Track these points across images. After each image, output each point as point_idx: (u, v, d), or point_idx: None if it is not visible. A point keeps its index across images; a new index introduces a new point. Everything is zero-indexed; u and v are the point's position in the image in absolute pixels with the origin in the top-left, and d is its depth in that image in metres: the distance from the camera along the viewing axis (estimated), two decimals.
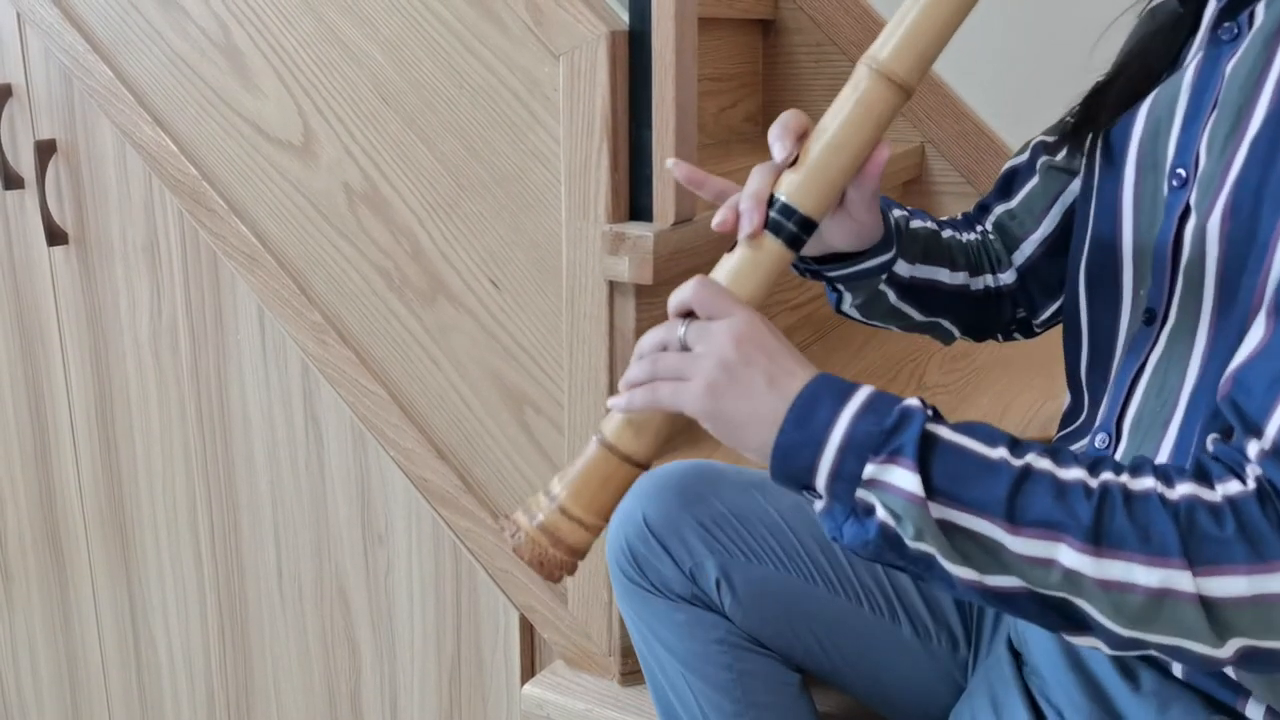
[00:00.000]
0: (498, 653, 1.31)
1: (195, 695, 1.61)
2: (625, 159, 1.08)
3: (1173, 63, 0.77)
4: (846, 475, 0.62)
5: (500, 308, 1.18)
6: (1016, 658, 0.83)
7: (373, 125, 1.20)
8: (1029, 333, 1.00)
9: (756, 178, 0.73)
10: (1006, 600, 0.61)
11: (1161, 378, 0.72)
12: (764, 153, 0.74)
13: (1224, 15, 0.72)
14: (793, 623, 0.93)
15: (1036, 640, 0.81)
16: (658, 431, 0.72)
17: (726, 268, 0.72)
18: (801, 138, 0.73)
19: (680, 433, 1.21)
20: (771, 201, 0.72)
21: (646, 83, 1.05)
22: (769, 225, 0.71)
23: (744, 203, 0.72)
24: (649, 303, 1.11)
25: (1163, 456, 0.71)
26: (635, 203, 1.09)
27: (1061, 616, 0.61)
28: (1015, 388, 1.33)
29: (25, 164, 1.48)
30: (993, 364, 1.44)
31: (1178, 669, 0.73)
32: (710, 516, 0.92)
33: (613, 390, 1.12)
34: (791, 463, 0.64)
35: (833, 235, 0.82)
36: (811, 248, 0.85)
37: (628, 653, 1.19)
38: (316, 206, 1.26)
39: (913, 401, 0.63)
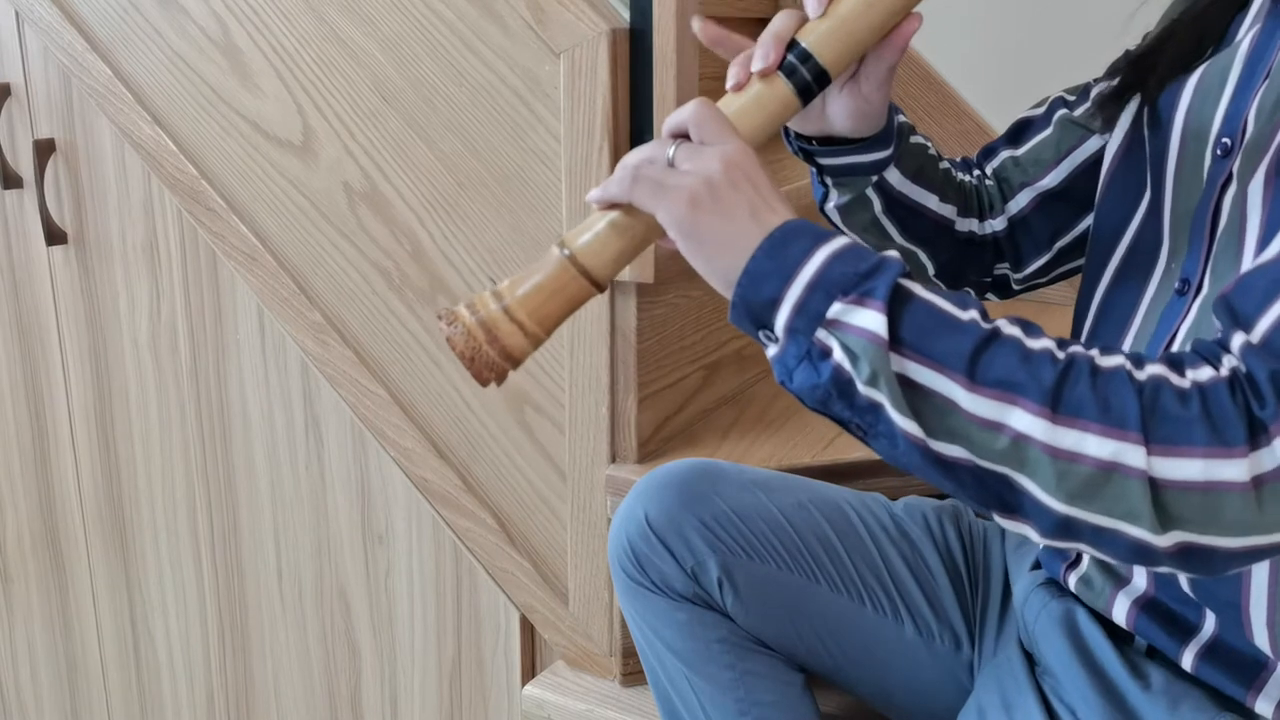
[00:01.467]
0: (498, 653, 1.31)
1: (195, 697, 1.61)
2: None
3: (1221, 36, 0.76)
4: (811, 311, 0.60)
5: None
6: (1029, 659, 0.83)
7: (373, 124, 1.20)
8: (1005, 292, 0.98)
9: (781, 20, 0.71)
10: (945, 467, 0.59)
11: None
12: (763, 152, 0.73)
13: None
14: (795, 622, 0.93)
15: (1048, 640, 0.81)
16: (620, 253, 0.68)
17: (730, 101, 0.70)
18: None
19: (679, 432, 1.21)
20: (791, 45, 0.70)
21: (647, 81, 1.05)
22: (783, 67, 0.70)
23: (763, 39, 0.70)
24: (650, 302, 1.10)
25: None
26: None
27: (997, 493, 0.59)
28: None
29: (24, 163, 1.48)
30: None
31: (1187, 663, 0.72)
32: (712, 515, 0.92)
33: (613, 392, 1.12)
34: (756, 292, 0.62)
35: (836, 109, 0.81)
36: (811, 124, 0.83)
37: (629, 653, 1.18)
38: (316, 206, 1.26)
39: (892, 253, 0.62)
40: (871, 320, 0.58)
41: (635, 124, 1.07)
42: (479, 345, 0.67)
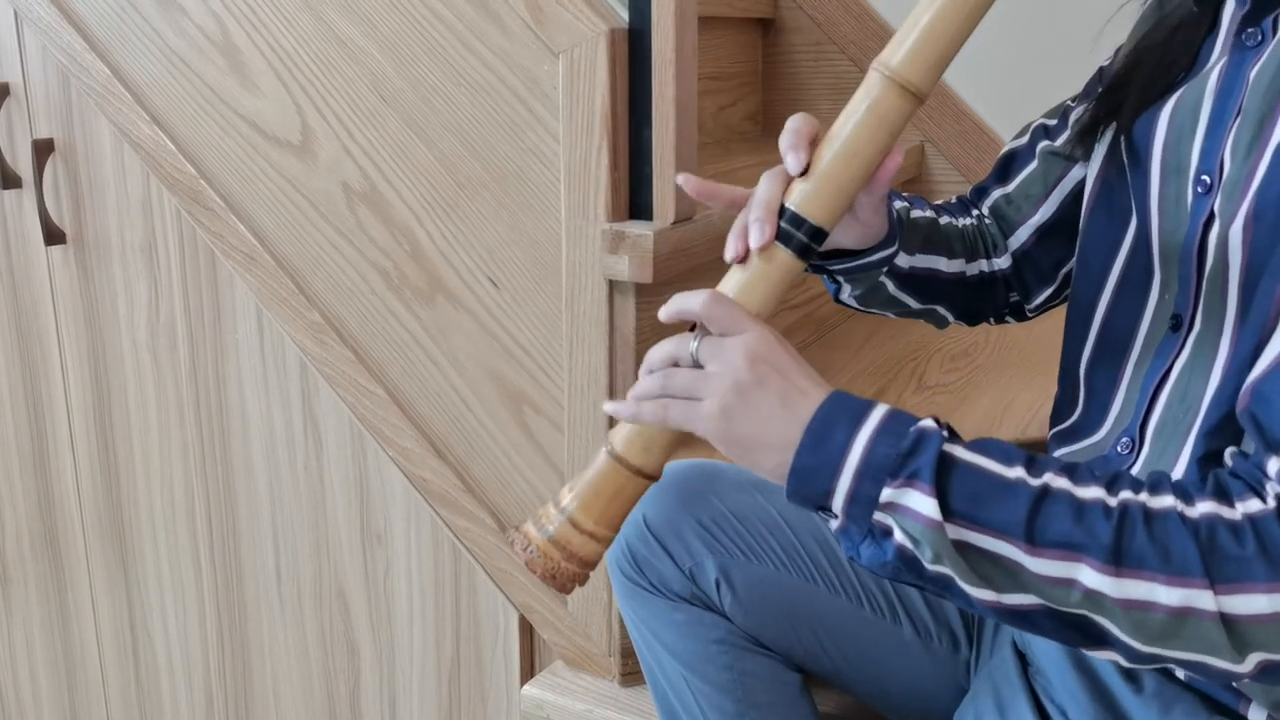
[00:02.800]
0: (497, 653, 1.30)
1: (194, 697, 1.60)
2: (625, 157, 1.08)
3: (1191, 62, 0.76)
4: (863, 499, 0.62)
5: (499, 307, 1.18)
6: (1021, 659, 0.83)
7: (371, 124, 1.20)
8: (1021, 317, 1.00)
9: (766, 185, 0.72)
10: (1025, 618, 0.61)
11: (1185, 385, 0.72)
12: (764, 152, 0.73)
13: (1247, 21, 0.71)
14: (793, 623, 0.93)
15: (1041, 643, 0.81)
16: (667, 446, 0.71)
17: (736, 279, 0.71)
18: (813, 144, 0.72)
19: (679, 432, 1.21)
20: (781, 211, 0.71)
21: (646, 81, 1.05)
22: (779, 236, 0.71)
23: (754, 212, 0.71)
24: (649, 302, 1.10)
25: (1183, 462, 0.71)
26: (635, 201, 1.09)
27: (1081, 633, 0.61)
28: (1015, 387, 1.33)
29: (23, 163, 1.48)
30: (993, 364, 1.43)
31: (1180, 671, 0.72)
32: (710, 516, 0.92)
33: (613, 391, 1.12)
34: (808, 487, 0.63)
35: (838, 235, 0.82)
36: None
37: (628, 653, 1.18)
38: (315, 205, 1.26)
39: (928, 423, 0.63)
40: (923, 504, 0.60)
41: (634, 124, 1.07)
42: (557, 563, 0.71)
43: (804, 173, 0.71)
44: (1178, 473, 0.71)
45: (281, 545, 1.44)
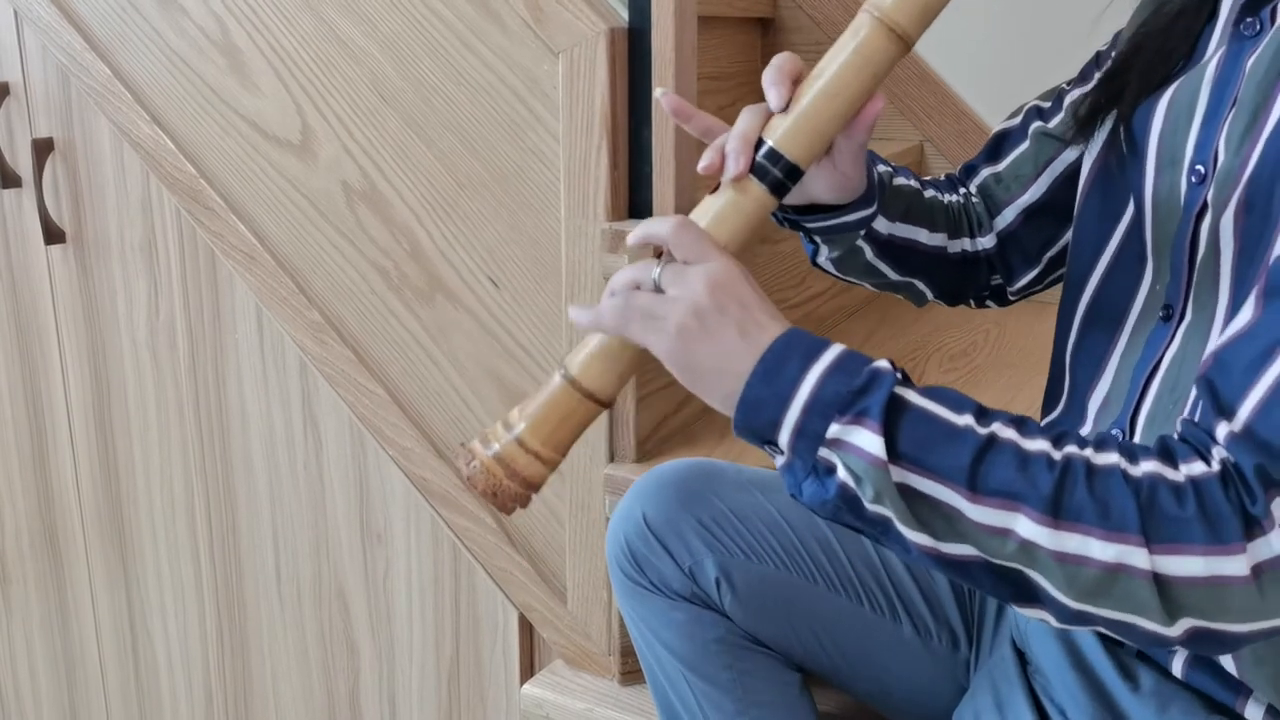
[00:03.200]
0: (497, 652, 1.31)
1: (194, 696, 1.61)
2: (625, 157, 1.08)
3: (1190, 51, 0.76)
4: (810, 433, 0.61)
5: (499, 306, 1.18)
6: (1021, 657, 0.83)
7: (371, 123, 1.20)
8: (1002, 301, 0.99)
9: (745, 118, 0.72)
10: (960, 568, 0.61)
11: (1175, 374, 0.72)
12: None
13: (1246, 11, 0.71)
14: (793, 621, 0.93)
15: (1040, 641, 0.81)
16: (622, 372, 0.70)
17: (707, 209, 0.71)
18: (796, 82, 0.71)
19: (677, 432, 1.21)
20: (759, 145, 0.70)
21: (646, 80, 1.05)
22: (754, 169, 0.70)
23: (730, 143, 0.71)
24: None
25: None
26: (635, 200, 1.09)
27: (1013, 587, 0.61)
28: (1015, 387, 1.33)
29: (23, 163, 1.48)
30: (992, 363, 1.43)
31: (1177, 669, 0.72)
32: (710, 515, 0.92)
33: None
34: (756, 417, 0.63)
35: (815, 185, 0.81)
36: (793, 196, 0.84)
37: (627, 652, 1.18)
38: (315, 205, 1.26)
39: (882, 363, 0.62)
40: (869, 441, 0.60)
41: (634, 123, 1.07)
42: (499, 480, 0.70)
43: (785, 109, 0.71)
44: None
45: (281, 544, 1.44)
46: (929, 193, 0.93)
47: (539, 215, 1.13)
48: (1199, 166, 0.71)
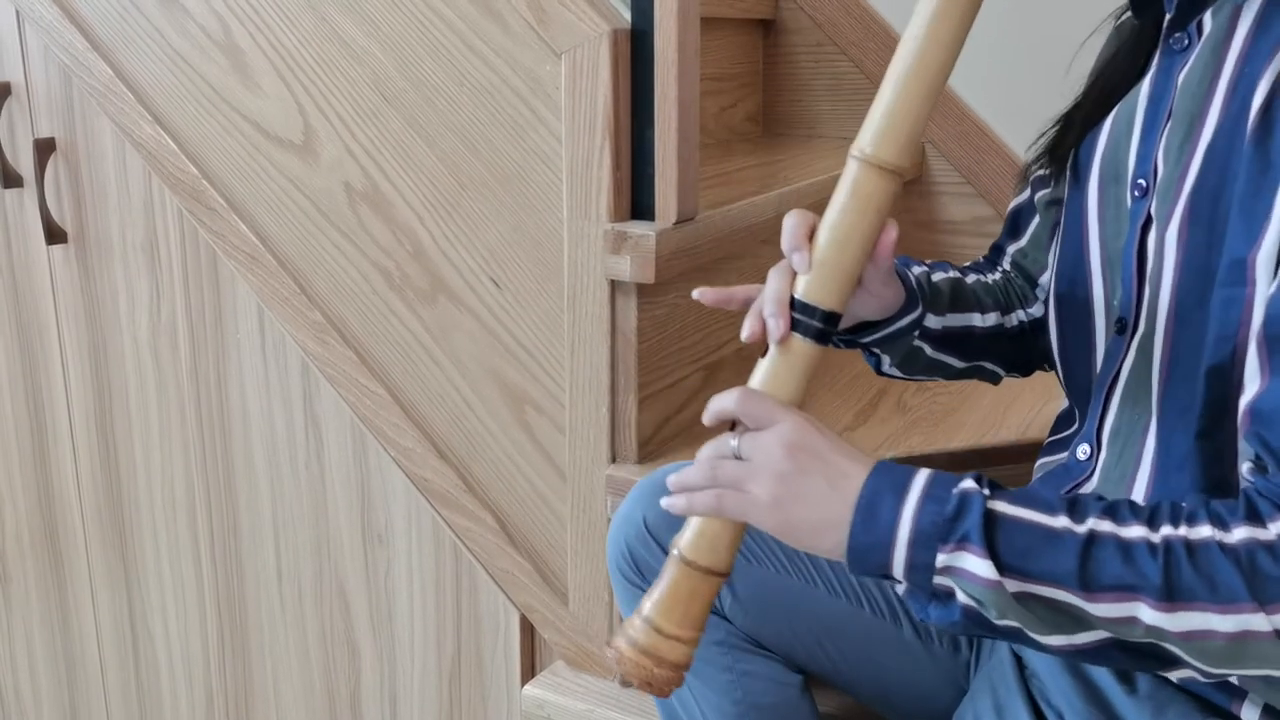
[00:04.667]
0: (498, 653, 1.31)
1: (194, 696, 1.61)
2: (627, 158, 1.08)
3: (1136, 77, 0.79)
4: (920, 566, 0.63)
5: (501, 307, 1.18)
6: (1018, 661, 0.83)
7: (374, 124, 1.20)
8: None
9: (775, 281, 0.74)
10: (1099, 654, 0.63)
11: (1134, 386, 0.74)
12: (763, 153, 0.74)
13: (1174, 25, 0.73)
14: (793, 624, 0.93)
15: None
16: (731, 542, 0.74)
17: (763, 372, 0.74)
18: (811, 236, 0.74)
19: (679, 433, 1.21)
20: (792, 302, 0.73)
21: (649, 81, 1.05)
22: (795, 326, 0.73)
23: (767, 308, 0.73)
24: (651, 302, 1.10)
25: (1145, 465, 0.73)
26: (637, 201, 1.09)
27: (1156, 660, 0.63)
28: (1015, 389, 1.33)
29: (24, 162, 1.48)
30: None
31: (1174, 674, 0.73)
32: None
33: (614, 392, 1.12)
34: (866, 564, 0.65)
35: (858, 310, 0.83)
36: (840, 323, 0.86)
37: None
38: (317, 205, 1.26)
39: (969, 483, 0.64)
40: (978, 565, 0.62)
41: (636, 124, 1.07)
42: (650, 671, 0.74)
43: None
44: (1139, 477, 0.74)
45: (282, 544, 1.44)
46: (971, 277, 0.96)
47: (541, 216, 1.13)
48: (1140, 180, 0.73)
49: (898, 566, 0.64)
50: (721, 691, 0.94)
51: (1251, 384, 0.64)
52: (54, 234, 1.47)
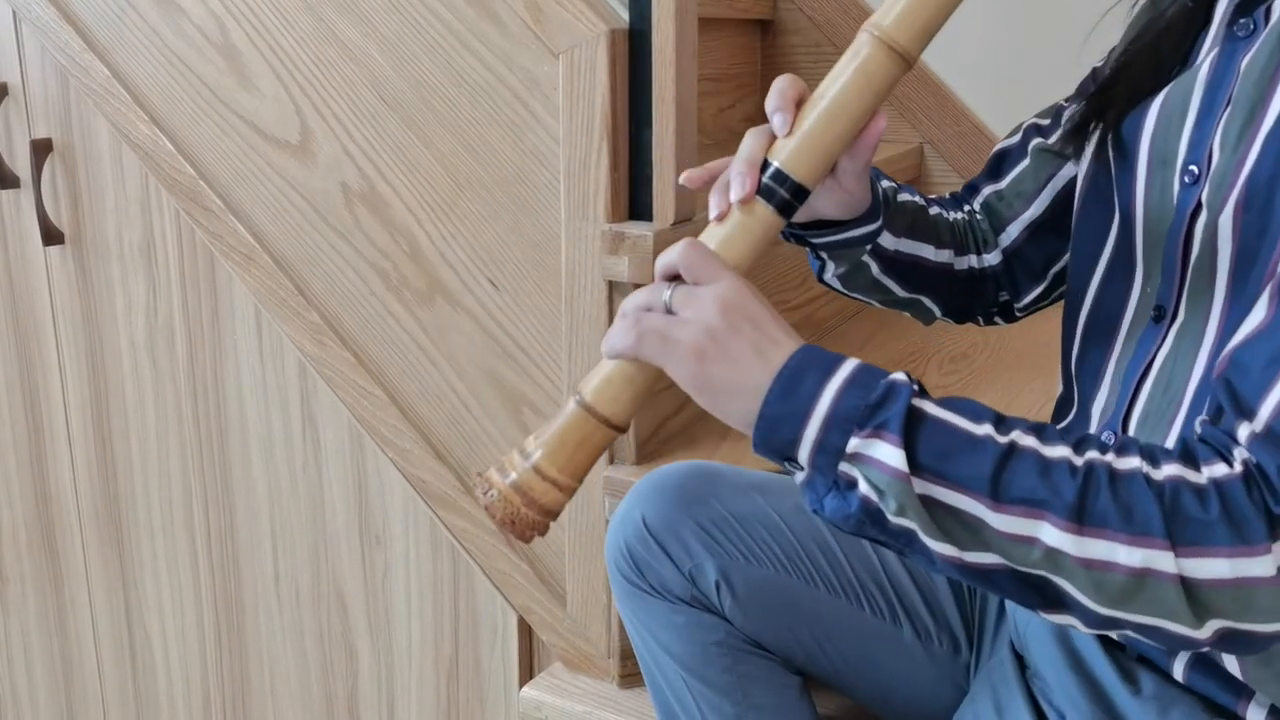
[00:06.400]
0: (496, 655, 1.30)
1: (191, 697, 1.60)
2: (625, 158, 1.08)
3: (1182, 60, 0.77)
4: (830, 448, 0.61)
5: (499, 308, 1.17)
6: (1019, 660, 0.83)
7: (371, 124, 1.19)
8: (1010, 317, 0.99)
9: (750, 142, 0.72)
10: (985, 577, 0.61)
11: (1168, 375, 0.72)
12: None
13: (1239, 11, 0.71)
14: (793, 625, 0.93)
15: (1038, 643, 0.81)
16: (636, 395, 0.70)
17: (715, 232, 0.71)
18: (799, 104, 0.72)
19: (677, 434, 1.21)
20: (764, 167, 0.71)
21: (646, 82, 1.05)
22: (761, 191, 0.70)
23: (736, 166, 0.71)
24: None
25: None
26: (635, 202, 1.09)
27: (1040, 594, 0.61)
28: (1014, 389, 1.33)
29: (21, 163, 1.47)
30: (991, 366, 1.43)
31: (1178, 672, 0.72)
32: (710, 518, 0.92)
33: None
34: (775, 434, 0.63)
35: (821, 203, 0.81)
36: (798, 213, 0.84)
37: (627, 655, 1.18)
38: (314, 206, 1.26)
39: (899, 376, 0.62)
40: (890, 454, 0.59)
41: (634, 125, 1.07)
42: (517, 509, 0.70)
43: (789, 132, 0.71)
44: None
45: (280, 546, 1.43)
46: (934, 210, 0.94)
47: (539, 217, 1.13)
48: (1192, 167, 0.71)
49: (805, 445, 0.62)
50: (721, 692, 0.93)
51: (1244, 329, 0.62)
52: (51, 235, 1.47)
